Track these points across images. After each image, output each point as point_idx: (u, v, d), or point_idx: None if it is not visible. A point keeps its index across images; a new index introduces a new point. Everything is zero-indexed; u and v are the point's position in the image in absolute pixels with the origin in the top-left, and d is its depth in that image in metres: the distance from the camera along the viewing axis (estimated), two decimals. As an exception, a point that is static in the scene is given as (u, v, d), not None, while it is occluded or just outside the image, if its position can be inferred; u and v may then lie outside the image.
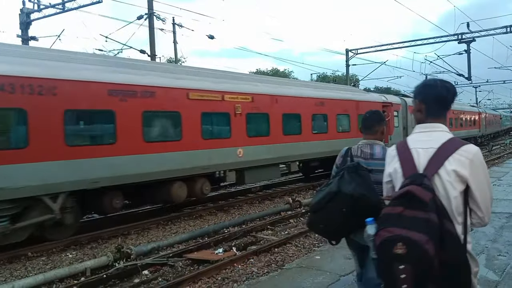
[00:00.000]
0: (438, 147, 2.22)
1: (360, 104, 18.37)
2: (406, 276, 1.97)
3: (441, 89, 2.38)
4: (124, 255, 7.56)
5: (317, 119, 16.07)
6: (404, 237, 1.98)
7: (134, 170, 9.84)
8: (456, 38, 27.04)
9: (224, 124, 12.38)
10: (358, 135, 17.00)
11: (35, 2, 18.81)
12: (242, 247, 8.42)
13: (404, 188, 2.14)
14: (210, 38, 22.11)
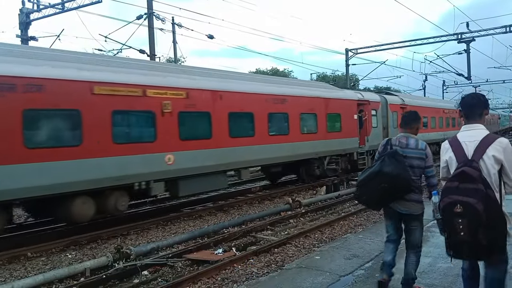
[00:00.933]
0: (480, 140, 3.30)
1: (330, 102, 16.81)
2: (463, 227, 3.07)
3: (470, 99, 3.60)
4: (124, 255, 7.55)
5: (276, 119, 14.28)
6: (461, 201, 3.09)
7: (13, 184, 7.96)
8: (455, 37, 27.03)
9: (146, 125, 10.40)
10: (327, 137, 17.01)
11: (35, 2, 18.80)
12: (242, 247, 8.41)
13: (460, 169, 3.25)
14: (210, 37, 22.08)
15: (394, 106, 22.15)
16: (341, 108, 17.37)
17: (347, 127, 17.62)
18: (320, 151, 16.14)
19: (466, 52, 27.61)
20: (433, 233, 7.31)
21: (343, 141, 17.33)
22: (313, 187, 15.81)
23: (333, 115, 16.85)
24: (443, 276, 5.22)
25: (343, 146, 17.37)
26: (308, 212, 11.57)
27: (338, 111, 17.17)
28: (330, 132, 16.63)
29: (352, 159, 18.20)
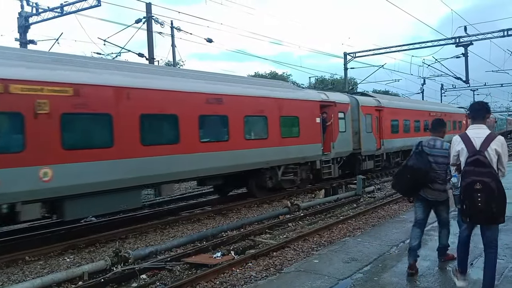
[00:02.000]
0: (485, 136, 4.44)
1: (286, 103, 14.57)
2: (481, 199, 4.18)
3: (476, 105, 4.93)
4: (122, 259, 7.55)
5: (210, 122, 12.08)
6: (479, 180, 4.21)
7: None
8: (453, 41, 27.12)
9: (9, 130, 8.26)
10: (281, 143, 14.42)
11: (34, 5, 18.82)
12: (241, 251, 8.40)
13: (474, 157, 4.34)
14: (209, 41, 22.10)
15: (368, 108, 19.73)
16: (300, 110, 15.19)
17: (307, 131, 15.41)
18: (272, 159, 13.86)
19: (464, 55, 27.68)
20: (431, 236, 7.32)
21: (302, 148, 15.16)
22: (311, 190, 15.80)
23: (289, 118, 14.77)
24: (441, 279, 5.22)
25: (302, 153, 15.19)
26: (306, 216, 11.57)
27: (296, 114, 15.02)
28: (285, 137, 14.40)
29: (314, 168, 16.10)
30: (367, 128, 19.32)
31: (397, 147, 22.17)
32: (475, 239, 5.03)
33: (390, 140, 21.32)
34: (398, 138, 22.15)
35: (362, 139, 18.78)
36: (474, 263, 5.67)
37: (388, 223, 8.97)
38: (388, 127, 21.32)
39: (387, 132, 21.08)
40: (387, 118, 21.13)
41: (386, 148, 21.02)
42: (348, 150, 17.97)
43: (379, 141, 20.37)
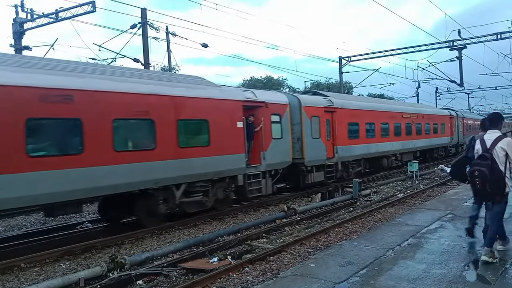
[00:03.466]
0: (494, 138, 5.74)
1: (187, 103, 11.25)
2: (479, 182, 5.70)
3: (492, 115, 6.29)
4: (118, 265, 7.52)
5: (51, 128, 8.80)
6: (477, 169, 5.71)
7: None
8: (447, 45, 27.32)
9: None
10: (179, 155, 10.84)
11: (28, 11, 18.82)
12: (237, 255, 8.39)
13: (480, 153, 5.82)
14: (204, 46, 22.17)
15: (314, 110, 16.31)
16: (211, 112, 11.88)
17: (223, 139, 12.13)
18: (163, 177, 10.58)
19: (458, 59, 27.90)
20: (427, 239, 7.34)
21: (214, 160, 11.86)
22: (308, 194, 15.81)
23: (193, 122, 11.62)
24: (437, 282, 5.23)
25: (215, 167, 11.90)
26: (303, 220, 11.58)
27: (204, 116, 11.70)
28: (185, 147, 11.10)
29: (237, 184, 12.89)
30: (314, 133, 16.08)
31: (357, 155, 19.02)
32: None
33: (348, 147, 18.21)
34: (358, 145, 19.10)
35: (306, 146, 15.55)
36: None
37: (384, 226, 8.98)
38: (344, 132, 18.09)
39: (343, 138, 17.91)
40: (342, 121, 17.99)
41: (342, 156, 17.81)
42: (285, 161, 14.90)
43: (331, 148, 17.20)
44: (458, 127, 34.38)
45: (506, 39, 25.86)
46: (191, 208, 11.72)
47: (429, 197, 14.11)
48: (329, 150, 17.06)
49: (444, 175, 20.85)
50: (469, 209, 7.72)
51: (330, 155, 17.04)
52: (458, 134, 34.13)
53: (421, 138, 26.27)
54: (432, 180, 19.54)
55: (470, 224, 7.24)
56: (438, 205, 10.82)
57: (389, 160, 22.68)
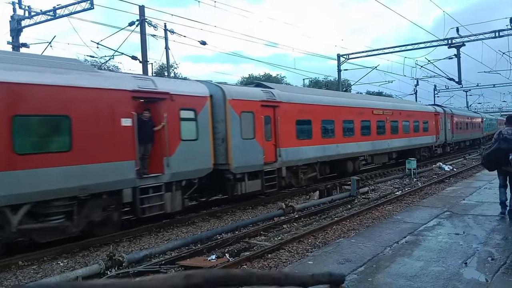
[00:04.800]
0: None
1: (39, 94, 8.44)
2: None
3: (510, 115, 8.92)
4: (116, 263, 7.52)
5: None
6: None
7: None
8: (446, 42, 27.32)
9: None
10: (15, 166, 7.68)
11: (26, 9, 18.76)
12: (235, 253, 8.40)
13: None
14: (202, 44, 22.13)
15: (246, 104, 13.20)
16: (76, 105, 9.00)
17: (97, 142, 9.27)
18: None
19: (456, 57, 27.91)
20: (425, 237, 7.36)
21: (79, 170, 8.92)
22: (306, 192, 15.82)
23: (43, 119, 8.66)
24: (434, 279, 5.25)
25: (81, 180, 8.96)
26: (301, 217, 11.59)
27: (63, 111, 8.80)
28: (26, 154, 8.19)
29: (121, 201, 9.97)
30: (244, 133, 12.98)
31: (309, 158, 15.96)
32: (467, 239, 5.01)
33: (296, 149, 15.21)
34: (311, 146, 16.03)
35: (232, 149, 12.42)
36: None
37: (382, 224, 9.00)
38: (291, 131, 15.06)
39: (289, 138, 14.89)
40: (289, 118, 15.02)
41: (288, 160, 14.76)
42: (203, 168, 11.80)
43: (272, 151, 14.17)
44: (446, 125, 31.15)
45: (505, 36, 25.89)
46: (45, 236, 8.75)
47: (427, 195, 14.13)
48: (269, 153, 13.95)
49: (442, 173, 20.90)
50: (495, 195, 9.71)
51: (270, 159, 13.98)
52: (445, 132, 30.95)
53: (398, 137, 23.19)
54: (430, 177, 19.57)
55: (506, 207, 8.60)
56: (435, 202, 10.85)
57: (356, 163, 19.54)
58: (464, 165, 24.58)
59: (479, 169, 20.51)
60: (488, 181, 13.63)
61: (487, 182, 13.60)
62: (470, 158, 29.42)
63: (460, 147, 37.34)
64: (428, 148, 27.99)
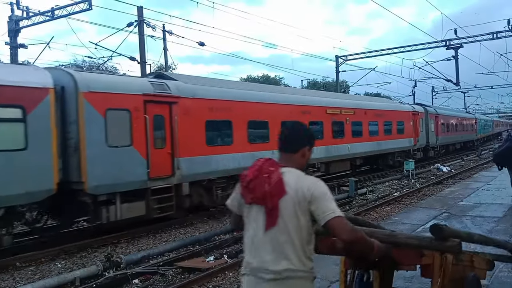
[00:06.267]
0: None
1: None
2: None
3: None
4: (114, 264, 7.51)
5: None
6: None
7: None
8: (444, 44, 27.37)
9: None
10: None
11: (24, 9, 18.72)
12: (234, 254, 8.38)
13: None
14: (201, 45, 22.07)
15: (114, 99, 9.80)
16: None
17: None
18: None
19: (454, 58, 27.96)
20: (423, 238, 7.36)
21: None
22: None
23: None
24: (433, 281, 5.24)
25: None
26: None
27: None
28: None
29: None
30: (113, 139, 9.66)
31: (227, 170, 12.23)
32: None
33: (205, 159, 11.71)
34: (231, 154, 12.48)
35: (89, 161, 9.13)
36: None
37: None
38: (196, 135, 11.53)
39: (193, 144, 11.38)
40: (194, 119, 11.49)
41: (191, 173, 11.27)
42: (37, 190, 8.52)
43: (166, 161, 10.76)
44: (428, 126, 27.65)
45: (502, 38, 25.94)
46: None
47: (425, 196, 14.15)
48: (160, 164, 10.51)
49: (440, 174, 20.93)
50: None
51: (162, 173, 10.55)
52: (427, 135, 27.27)
53: (362, 141, 19.44)
54: (428, 179, 19.60)
55: None
56: (434, 203, 10.85)
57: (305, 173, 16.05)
58: (462, 166, 24.61)
59: (477, 171, 20.57)
60: (486, 183, 13.66)
61: (485, 183, 13.62)
62: (468, 160, 29.43)
63: (449, 151, 33.44)
64: (404, 153, 24.05)
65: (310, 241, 2.43)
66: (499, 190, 12.04)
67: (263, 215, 2.38)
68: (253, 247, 2.41)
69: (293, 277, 2.31)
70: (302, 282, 2.35)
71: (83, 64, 29.91)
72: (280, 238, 2.33)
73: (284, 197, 2.34)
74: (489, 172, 17.83)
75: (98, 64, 24.44)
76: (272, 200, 2.34)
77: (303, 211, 2.34)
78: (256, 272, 2.35)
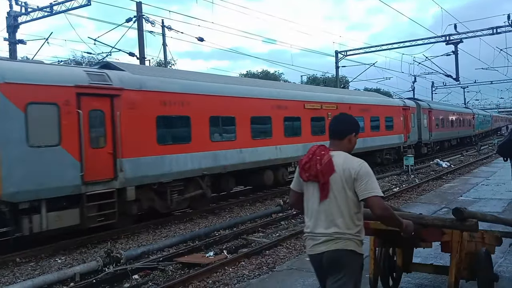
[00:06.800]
0: None
1: None
2: None
3: None
4: (114, 259, 7.52)
5: None
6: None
7: None
8: (444, 39, 27.32)
9: None
10: None
11: (23, 5, 18.64)
12: (233, 250, 8.42)
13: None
14: (200, 40, 22.03)
15: (38, 91, 8.55)
16: None
17: None
18: None
19: (454, 53, 27.92)
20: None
21: None
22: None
23: None
24: (432, 276, 5.26)
25: None
26: (299, 213, 11.59)
27: None
28: None
29: None
30: (36, 138, 8.46)
31: (182, 171, 11.02)
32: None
33: (156, 159, 10.40)
34: (188, 153, 11.19)
35: (4, 164, 7.98)
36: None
37: (380, 221, 9.01)
38: (145, 133, 10.21)
39: (140, 143, 10.09)
40: (141, 114, 10.15)
41: (138, 175, 10.00)
42: None
43: (107, 163, 9.49)
44: (421, 122, 26.49)
45: (502, 33, 25.89)
46: None
47: (424, 191, 14.15)
48: (98, 166, 9.23)
49: (439, 169, 20.94)
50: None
51: (100, 176, 9.28)
52: (419, 131, 26.12)
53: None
54: (427, 174, 19.60)
55: None
56: (433, 199, 10.87)
57: (280, 173, 14.86)
58: (461, 162, 24.62)
59: (477, 166, 20.58)
60: (485, 178, 13.67)
61: (484, 178, 13.63)
62: (467, 155, 29.44)
63: (444, 147, 32.15)
64: (394, 150, 23.02)
65: (357, 211, 2.93)
66: (499, 185, 12.06)
67: (317, 190, 2.94)
68: (311, 215, 3.00)
69: (341, 238, 2.86)
70: (348, 243, 2.88)
71: (82, 60, 29.85)
72: (331, 208, 2.88)
73: (333, 174, 2.88)
74: (488, 168, 17.84)
75: (97, 59, 24.37)
76: (323, 177, 2.88)
77: (350, 187, 2.86)
78: (313, 235, 2.95)
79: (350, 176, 2.85)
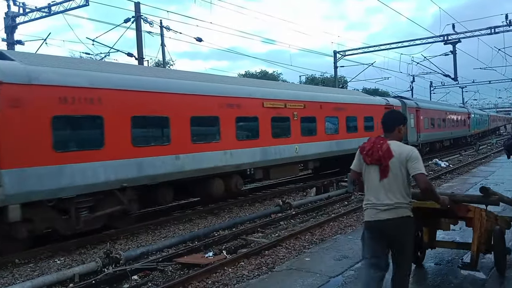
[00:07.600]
0: None
1: None
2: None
3: None
4: (113, 260, 7.50)
5: None
6: None
7: None
8: (442, 39, 27.36)
9: None
10: None
11: (20, 5, 18.63)
12: (233, 250, 8.40)
13: None
14: (198, 40, 22.03)
15: None
16: None
17: None
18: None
19: (452, 53, 27.96)
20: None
21: None
22: (303, 188, 15.83)
23: None
24: (433, 275, 5.28)
25: None
26: (298, 214, 11.60)
27: None
28: None
29: None
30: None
31: (94, 184, 9.07)
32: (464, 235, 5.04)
33: (51, 170, 8.37)
34: (100, 162, 9.18)
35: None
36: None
37: (379, 220, 9.02)
38: (33, 136, 8.16)
39: (28, 150, 8.05)
40: (33, 114, 8.15)
41: (21, 192, 7.92)
42: None
43: None
44: (408, 122, 23.35)
45: (500, 33, 25.95)
46: None
47: (423, 191, 14.13)
48: None
49: (438, 169, 20.96)
50: None
51: None
52: (406, 131, 21.23)
53: (316, 140, 16.29)
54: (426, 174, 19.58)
55: None
56: (432, 198, 10.85)
57: (233, 181, 13.05)
58: (460, 162, 24.65)
59: (475, 165, 20.62)
60: (484, 177, 13.69)
61: (483, 178, 13.66)
62: (466, 155, 29.48)
63: (435, 149, 30.27)
64: None
65: (408, 185, 3.83)
66: (497, 185, 12.07)
67: (378, 171, 3.82)
68: (372, 190, 3.86)
69: (399, 207, 3.76)
70: (404, 210, 3.78)
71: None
72: (390, 184, 3.76)
73: (392, 159, 3.75)
74: (487, 167, 17.88)
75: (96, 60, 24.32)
76: (385, 161, 3.77)
77: (404, 167, 3.75)
78: (374, 206, 3.82)
79: (404, 158, 3.74)
